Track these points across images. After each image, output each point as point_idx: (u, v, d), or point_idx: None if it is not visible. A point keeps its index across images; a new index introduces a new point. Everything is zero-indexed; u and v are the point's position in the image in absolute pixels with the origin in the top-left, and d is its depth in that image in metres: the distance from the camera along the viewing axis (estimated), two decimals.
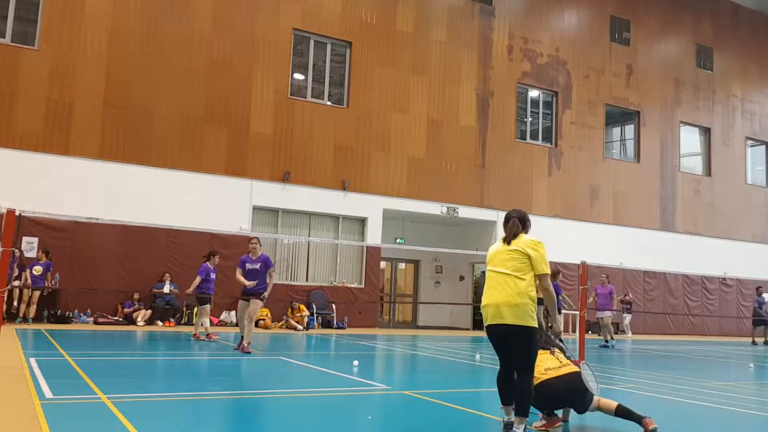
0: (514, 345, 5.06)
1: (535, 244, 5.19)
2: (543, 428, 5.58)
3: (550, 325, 5.52)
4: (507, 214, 5.42)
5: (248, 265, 10.79)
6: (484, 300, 5.21)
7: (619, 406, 5.53)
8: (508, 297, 5.01)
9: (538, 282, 5.21)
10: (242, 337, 10.81)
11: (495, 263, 5.26)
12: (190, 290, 12.79)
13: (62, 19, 16.42)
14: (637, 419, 5.39)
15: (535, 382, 5.37)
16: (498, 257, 5.25)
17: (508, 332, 5.05)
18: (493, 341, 5.26)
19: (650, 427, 5.26)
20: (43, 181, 15.56)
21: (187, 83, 17.56)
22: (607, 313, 16.59)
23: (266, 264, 10.80)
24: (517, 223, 5.27)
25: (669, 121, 26.05)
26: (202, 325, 13.01)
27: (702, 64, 27.07)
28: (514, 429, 4.94)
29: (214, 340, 12.72)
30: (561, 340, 5.76)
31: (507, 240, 5.26)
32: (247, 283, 10.63)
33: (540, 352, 5.44)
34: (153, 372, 8.78)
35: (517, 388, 5.05)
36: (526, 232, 5.35)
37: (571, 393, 5.49)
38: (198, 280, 12.69)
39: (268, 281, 10.81)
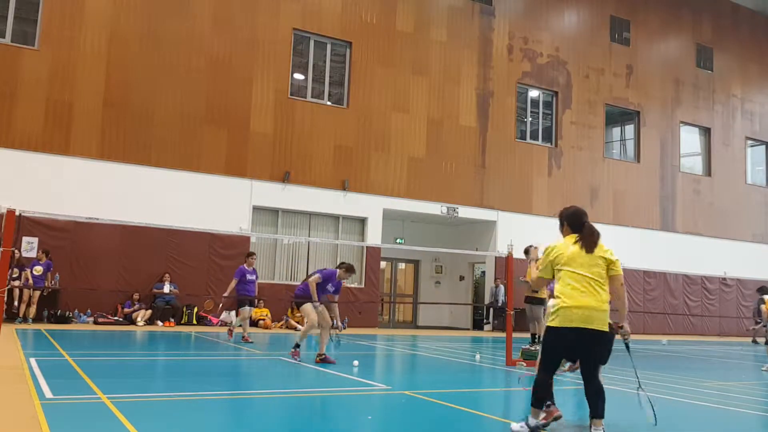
0: (596, 350, 5.11)
1: (611, 252, 5.26)
2: (542, 420, 5.56)
3: (620, 325, 5.23)
4: (578, 216, 5.40)
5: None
6: (572, 301, 5.03)
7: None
8: (599, 303, 5.01)
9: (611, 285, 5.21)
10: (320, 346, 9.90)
11: (576, 265, 5.16)
12: (226, 293, 12.67)
13: (62, 19, 16.42)
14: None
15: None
16: (579, 260, 5.16)
17: (593, 338, 4.99)
18: (564, 344, 5.10)
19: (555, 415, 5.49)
20: (43, 181, 15.56)
21: (187, 83, 17.56)
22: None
23: None
24: (597, 231, 5.29)
25: (669, 121, 26.05)
26: (232, 323, 12.94)
27: (702, 64, 27.07)
28: (593, 430, 4.94)
29: (230, 339, 12.62)
30: (627, 345, 5.49)
31: (590, 249, 5.19)
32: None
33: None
34: (153, 372, 8.78)
35: (593, 391, 5.06)
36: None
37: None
38: (234, 282, 12.61)
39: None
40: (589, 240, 5.21)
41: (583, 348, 5.07)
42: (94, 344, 11.64)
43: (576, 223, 5.34)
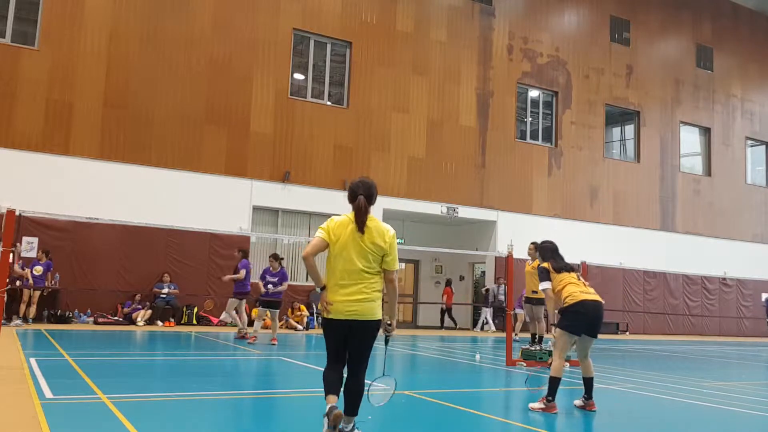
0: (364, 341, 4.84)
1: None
2: (538, 410, 6.16)
3: (389, 323, 4.87)
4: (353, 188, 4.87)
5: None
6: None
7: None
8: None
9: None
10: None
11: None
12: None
13: (62, 19, 16.42)
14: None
15: (573, 300, 6.31)
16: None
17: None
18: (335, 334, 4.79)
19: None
20: (43, 181, 15.56)
21: (187, 83, 17.56)
22: (518, 310, 16.52)
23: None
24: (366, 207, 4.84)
25: (669, 121, 26.05)
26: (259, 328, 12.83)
27: (702, 64, 27.07)
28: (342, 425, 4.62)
29: (251, 342, 12.45)
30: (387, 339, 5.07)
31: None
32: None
33: (566, 277, 6.62)
34: (153, 372, 8.78)
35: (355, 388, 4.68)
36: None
37: (597, 319, 6.40)
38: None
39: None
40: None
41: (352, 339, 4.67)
42: (94, 344, 11.64)
43: (351, 196, 4.76)
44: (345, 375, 4.69)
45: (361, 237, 4.61)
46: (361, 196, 4.69)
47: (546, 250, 7.13)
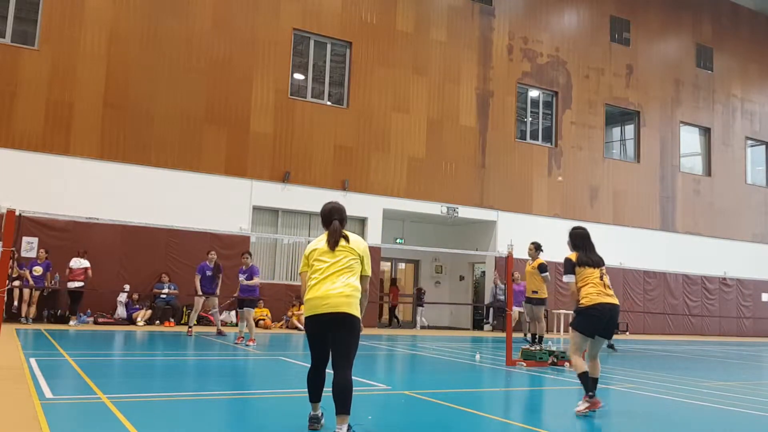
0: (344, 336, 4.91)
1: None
2: (585, 411, 6.05)
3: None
4: (327, 214, 5.09)
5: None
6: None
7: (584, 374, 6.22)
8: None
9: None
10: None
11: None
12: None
13: (62, 19, 16.42)
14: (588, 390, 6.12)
15: (588, 303, 6.15)
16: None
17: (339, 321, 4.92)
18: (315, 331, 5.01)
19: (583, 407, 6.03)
20: (43, 181, 15.56)
21: (187, 83, 17.56)
22: (519, 309, 16.48)
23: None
24: (339, 230, 5.08)
25: (669, 121, 26.05)
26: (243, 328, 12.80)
27: (702, 64, 27.06)
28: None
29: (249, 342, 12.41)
30: None
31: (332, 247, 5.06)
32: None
33: (587, 274, 6.34)
34: (153, 372, 8.78)
35: (341, 383, 4.80)
36: None
37: (612, 321, 6.26)
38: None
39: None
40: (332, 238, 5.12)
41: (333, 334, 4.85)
42: (94, 344, 11.64)
43: (325, 221, 5.12)
44: (333, 375, 4.80)
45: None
46: (336, 221, 5.01)
47: (577, 237, 6.69)
